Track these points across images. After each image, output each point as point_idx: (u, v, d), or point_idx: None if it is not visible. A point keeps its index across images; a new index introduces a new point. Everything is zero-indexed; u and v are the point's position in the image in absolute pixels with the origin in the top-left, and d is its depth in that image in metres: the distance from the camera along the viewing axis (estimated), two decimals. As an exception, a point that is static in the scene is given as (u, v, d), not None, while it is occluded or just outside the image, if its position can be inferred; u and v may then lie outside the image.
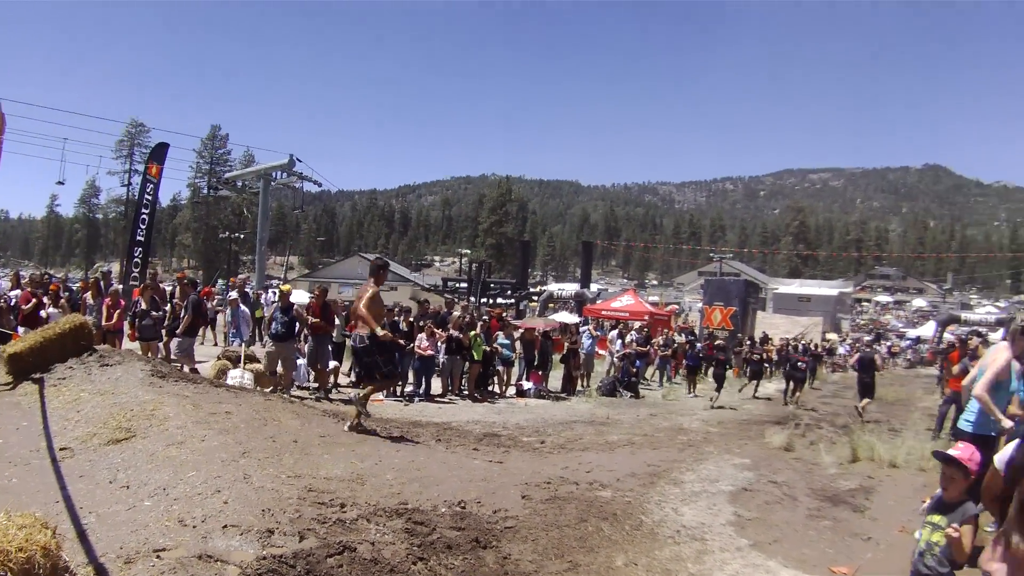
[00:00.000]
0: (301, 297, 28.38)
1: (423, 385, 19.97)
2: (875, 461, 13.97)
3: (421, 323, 20.79)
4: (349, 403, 14.38)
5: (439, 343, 20.41)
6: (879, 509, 10.78)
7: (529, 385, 23.03)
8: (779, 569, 7.98)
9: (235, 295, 23.08)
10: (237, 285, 26.15)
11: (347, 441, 10.54)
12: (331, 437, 10.50)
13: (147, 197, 29.43)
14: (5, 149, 10.18)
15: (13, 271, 37.77)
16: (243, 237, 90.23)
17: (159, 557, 5.50)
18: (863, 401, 23.21)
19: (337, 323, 19.89)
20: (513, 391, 22.88)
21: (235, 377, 16.00)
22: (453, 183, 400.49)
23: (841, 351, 40.42)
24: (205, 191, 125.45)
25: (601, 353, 28.84)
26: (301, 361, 18.55)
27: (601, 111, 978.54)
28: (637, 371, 27.96)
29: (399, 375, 17.02)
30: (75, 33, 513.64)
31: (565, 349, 25.59)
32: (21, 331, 14.53)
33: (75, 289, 25.52)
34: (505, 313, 32.65)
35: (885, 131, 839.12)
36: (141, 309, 18.47)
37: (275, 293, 24.60)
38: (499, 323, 24.32)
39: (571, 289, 73.88)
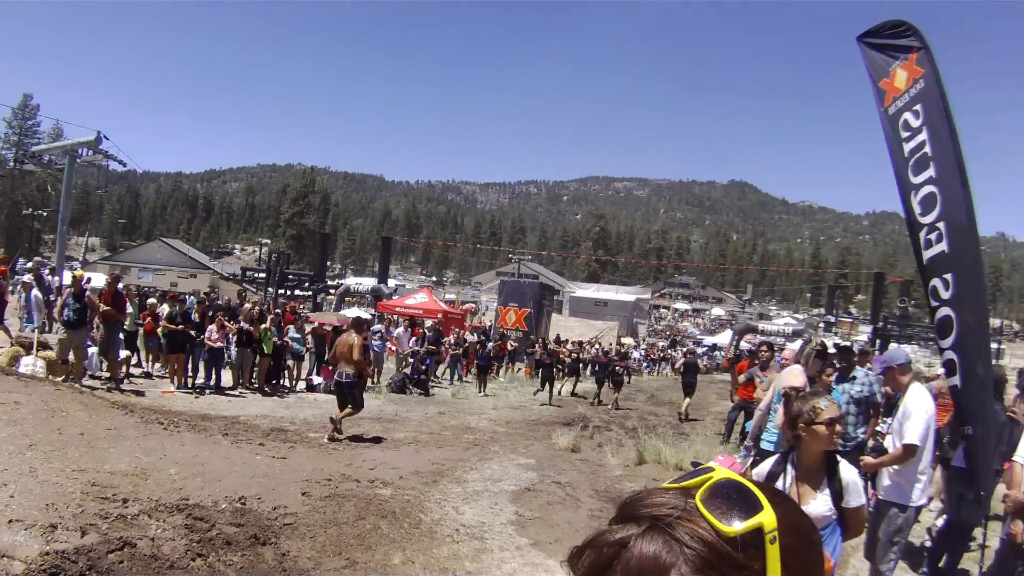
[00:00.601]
0: (101, 282, 27.73)
1: (213, 377, 19.70)
2: (661, 464, 14.25)
3: (211, 314, 20.61)
4: (140, 394, 14.26)
5: (229, 335, 20.23)
6: (663, 511, 10.94)
7: (320, 380, 22.86)
8: (557, 568, 8.14)
9: (28, 278, 22.37)
10: (32, 268, 25.26)
11: (133, 435, 10.45)
12: (117, 430, 10.39)
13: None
14: None
15: None
16: (46, 215, 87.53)
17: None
18: (686, 400, 25.13)
19: (130, 311, 19.59)
20: (303, 385, 22.82)
21: (28, 365, 15.66)
22: (259, 170, 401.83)
23: (636, 355, 41.06)
24: (11, 164, 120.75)
25: (392, 349, 28.74)
26: (93, 349, 18.01)
27: (409, 107, 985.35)
28: (427, 369, 27.94)
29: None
30: None
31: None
32: None
33: None
34: (300, 306, 32.36)
35: (693, 146, 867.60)
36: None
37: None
38: (292, 316, 24.21)
39: (368, 284, 73.86)
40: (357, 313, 46.42)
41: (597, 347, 44.04)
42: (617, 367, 29.70)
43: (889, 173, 8.57)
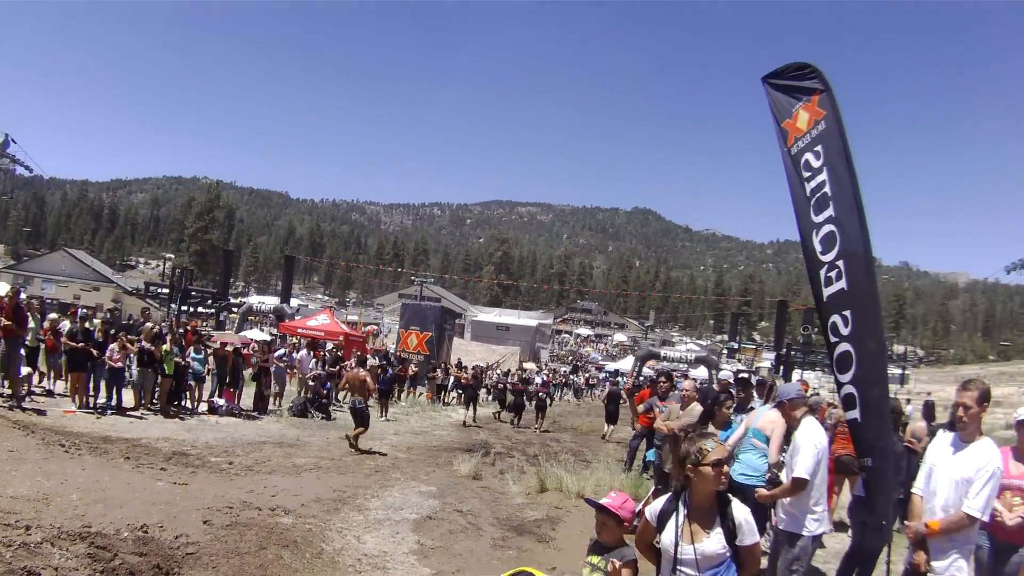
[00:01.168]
0: (3, 290, 27.22)
1: (114, 398, 19.38)
2: (563, 492, 14.33)
3: (113, 332, 20.36)
4: (41, 413, 14.35)
5: (130, 355, 19.94)
6: (565, 539, 11.20)
7: (221, 402, 22.66)
8: (459, 599, 8.18)
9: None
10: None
11: (35, 457, 10.43)
12: (19, 452, 10.41)
13: None
14: None
15: None
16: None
17: None
18: (608, 427, 25.91)
19: (31, 326, 19.02)
20: (205, 407, 22.51)
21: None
22: (165, 182, 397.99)
23: (538, 380, 41.55)
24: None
25: (294, 372, 28.59)
26: None
27: (315, 124, 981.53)
28: (328, 392, 27.82)
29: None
30: None
31: (257, 367, 25.28)
32: None
33: None
34: (203, 324, 32.11)
35: (598, 173, 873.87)
36: None
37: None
38: (193, 336, 24.00)
39: (271, 303, 73.28)
40: (259, 334, 46.49)
41: (514, 372, 44.99)
42: (540, 392, 31.20)
43: (790, 201, 8.77)
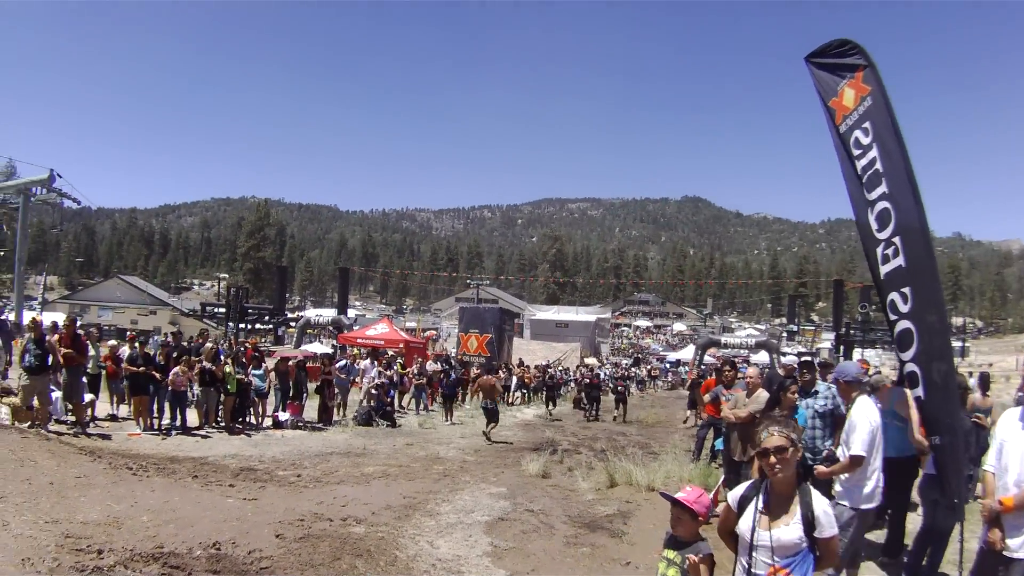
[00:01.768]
0: (59, 319, 27.37)
1: (178, 418, 19.43)
2: (633, 486, 14.12)
3: (175, 355, 20.28)
4: (106, 438, 14.18)
5: (192, 375, 19.90)
6: (637, 534, 10.99)
7: (286, 416, 22.68)
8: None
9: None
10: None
11: (103, 482, 10.38)
12: (87, 478, 10.33)
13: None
14: None
15: None
16: (2, 254, 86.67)
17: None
18: (689, 413, 26.45)
19: (92, 354, 19.28)
20: (269, 422, 22.56)
21: (-9, 412, 15.25)
22: (213, 204, 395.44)
23: (601, 375, 41.82)
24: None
25: (357, 381, 28.60)
26: (57, 394, 17.60)
27: (360, 137, 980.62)
28: (392, 400, 27.93)
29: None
30: None
31: (320, 378, 25.31)
32: None
33: None
34: (261, 341, 32.16)
35: (645, 164, 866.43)
36: None
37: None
38: (252, 353, 23.93)
39: (328, 315, 72.79)
40: (320, 347, 46.67)
41: (587, 369, 45.66)
42: (619, 386, 32.73)
43: (842, 180, 8.65)
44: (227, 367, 20.42)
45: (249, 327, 66.51)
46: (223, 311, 68.33)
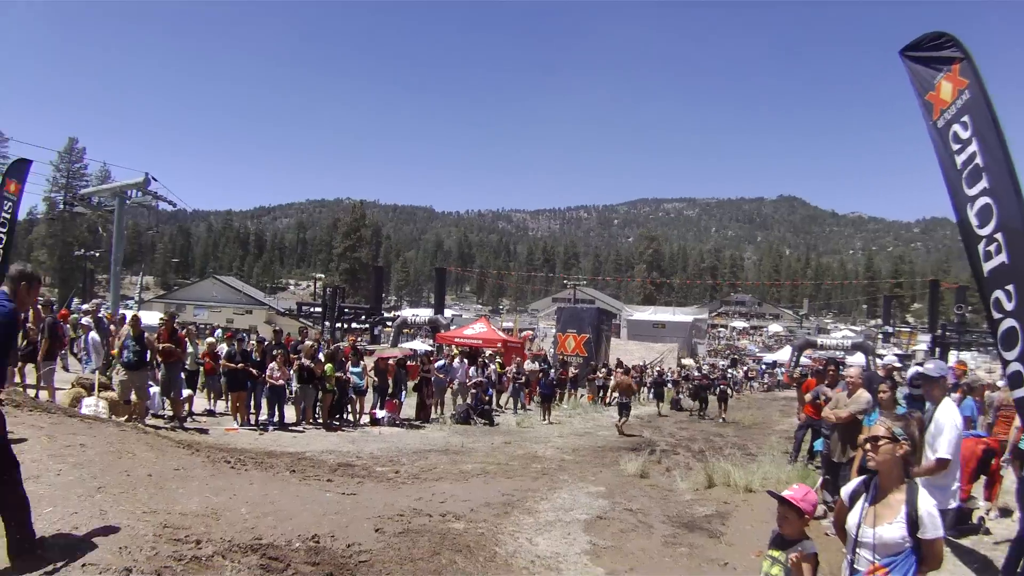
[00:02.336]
0: (153, 319, 27.69)
1: (276, 414, 19.73)
2: (731, 487, 14.04)
3: (274, 352, 20.54)
4: (204, 432, 14.41)
5: (291, 372, 20.23)
6: (735, 534, 10.90)
7: (383, 413, 22.84)
8: (634, 598, 8.08)
9: (87, 320, 22.42)
10: (91, 310, 25.27)
11: (201, 474, 10.46)
12: (185, 470, 10.41)
13: (4, 215, 28.30)
14: None
15: None
16: (98, 255, 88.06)
17: (21, 597, 5.46)
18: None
19: (190, 350, 19.63)
20: (367, 419, 22.74)
21: (90, 406, 15.59)
22: (308, 206, 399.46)
23: (696, 376, 42.22)
24: (61, 207, 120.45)
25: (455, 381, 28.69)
26: (155, 389, 18.01)
27: (456, 139, 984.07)
28: (490, 398, 28.16)
29: None
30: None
31: (419, 376, 25.46)
32: None
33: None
34: (358, 340, 32.39)
35: (741, 163, 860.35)
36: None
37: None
38: (351, 351, 24.13)
39: (425, 315, 73.86)
40: (420, 344, 47.14)
41: (697, 369, 48.77)
42: (722, 385, 34.18)
43: (937, 178, 8.52)
44: (327, 365, 20.64)
45: (345, 326, 67.07)
46: (319, 310, 69.08)
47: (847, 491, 5.13)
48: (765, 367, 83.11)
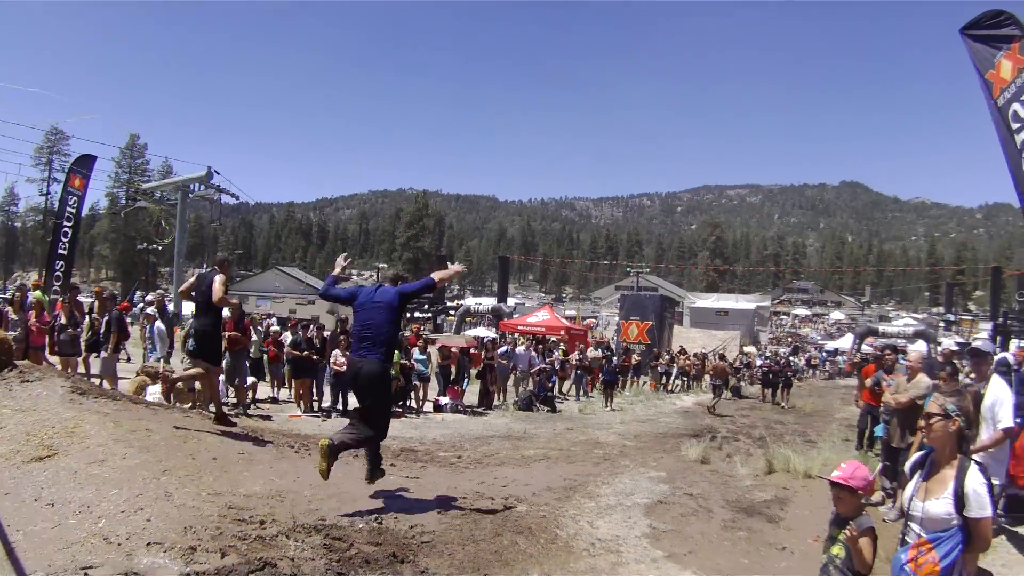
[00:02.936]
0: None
1: (339, 400, 19.93)
2: (790, 472, 14.07)
3: (342, 337, 20.64)
4: (267, 419, 14.79)
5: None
6: (794, 519, 10.95)
7: (446, 400, 23.08)
8: (692, 579, 8.15)
9: (151, 310, 22.79)
10: (155, 300, 25.72)
11: (265, 458, 10.58)
12: (249, 454, 10.53)
13: (69, 209, 28.62)
14: None
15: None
16: (161, 249, 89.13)
17: (87, 575, 5.58)
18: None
19: (254, 339, 19.95)
20: (430, 406, 22.95)
21: (154, 393, 15.93)
22: (370, 197, 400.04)
23: (758, 363, 42.22)
24: (123, 201, 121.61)
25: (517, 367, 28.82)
26: (220, 376, 17.90)
27: (518, 128, 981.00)
28: (553, 385, 28.27)
29: None
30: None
31: (482, 364, 25.72)
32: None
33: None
34: (422, 328, 32.59)
35: (803, 149, 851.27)
36: (60, 324, 18.22)
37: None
38: (416, 338, 24.31)
39: (488, 303, 73.70)
40: (483, 331, 47.49)
41: (765, 357, 48.42)
42: (787, 372, 34.74)
43: (1001, 162, 8.48)
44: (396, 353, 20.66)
45: (408, 315, 67.37)
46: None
47: (909, 464, 5.20)
48: (827, 355, 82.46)
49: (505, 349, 28.12)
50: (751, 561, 8.93)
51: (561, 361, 32.07)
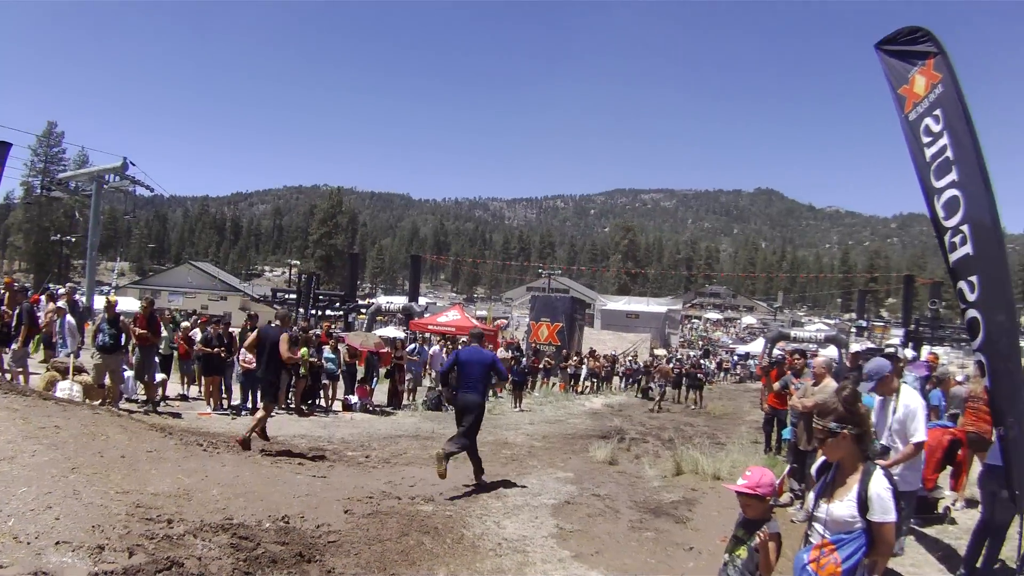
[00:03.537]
0: (131, 305, 27.59)
1: (249, 399, 19.76)
2: (699, 474, 14.24)
3: (250, 333, 20.40)
4: (177, 416, 14.58)
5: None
6: (702, 520, 11.08)
7: (355, 399, 22.97)
8: (599, 580, 8.23)
9: (62, 304, 22.46)
10: (66, 294, 25.31)
11: (174, 456, 10.51)
12: (158, 452, 10.45)
13: (-18, 198, 28.20)
14: None
15: None
16: (75, 240, 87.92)
17: (-6, 575, 5.50)
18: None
19: (164, 335, 19.75)
20: (339, 405, 22.87)
21: (64, 389, 15.66)
22: (285, 192, 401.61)
23: (703, 364, 43.13)
24: (38, 191, 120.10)
25: (428, 367, 28.94)
26: (129, 373, 18.07)
27: (433, 126, 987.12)
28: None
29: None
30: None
31: (391, 363, 25.59)
32: None
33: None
34: (332, 326, 32.51)
35: (719, 155, 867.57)
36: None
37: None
38: (326, 337, 24.37)
39: (399, 302, 73.11)
40: (393, 331, 47.33)
41: (686, 358, 50.38)
42: (698, 375, 35.13)
43: (913, 170, 8.65)
44: (304, 352, 20.53)
45: (320, 313, 67.09)
46: (294, 297, 69.08)
47: (815, 466, 5.30)
48: (738, 358, 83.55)
49: (413, 346, 28.35)
50: (658, 561, 9.03)
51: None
